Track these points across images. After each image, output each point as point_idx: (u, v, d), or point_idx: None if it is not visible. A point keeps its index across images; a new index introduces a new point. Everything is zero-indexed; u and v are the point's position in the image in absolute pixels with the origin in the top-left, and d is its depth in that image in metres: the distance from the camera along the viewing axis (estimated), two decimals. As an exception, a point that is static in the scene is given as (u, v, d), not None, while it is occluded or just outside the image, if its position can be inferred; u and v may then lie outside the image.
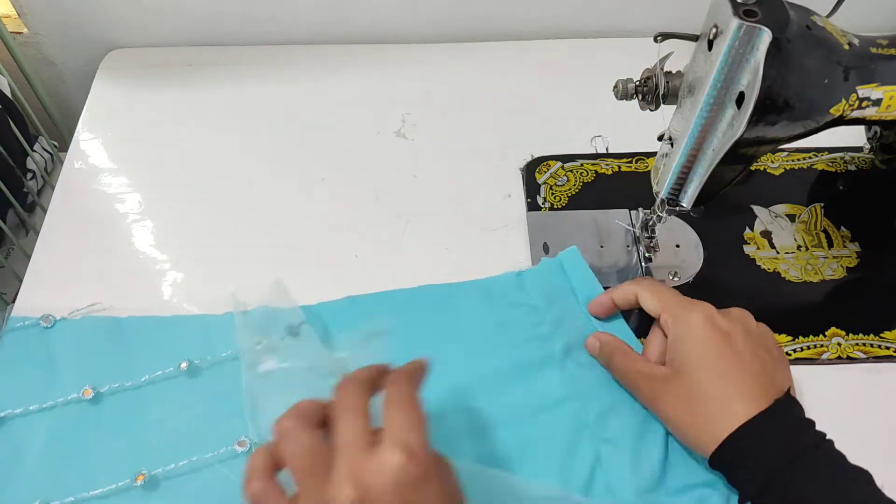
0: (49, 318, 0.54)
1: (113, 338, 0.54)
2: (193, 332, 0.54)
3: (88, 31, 0.76)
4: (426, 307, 0.56)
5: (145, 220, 0.62)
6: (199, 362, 0.52)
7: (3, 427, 0.50)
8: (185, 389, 0.52)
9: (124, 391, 0.51)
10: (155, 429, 0.50)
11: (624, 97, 0.49)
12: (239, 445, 0.48)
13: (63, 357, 0.53)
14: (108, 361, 0.53)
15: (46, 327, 0.54)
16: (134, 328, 0.55)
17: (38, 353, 0.53)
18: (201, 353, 0.53)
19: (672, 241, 0.59)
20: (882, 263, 0.59)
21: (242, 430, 0.49)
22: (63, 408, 0.51)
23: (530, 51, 0.76)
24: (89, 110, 0.71)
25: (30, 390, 0.51)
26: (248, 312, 0.54)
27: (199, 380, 0.52)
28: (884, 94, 0.47)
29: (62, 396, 0.51)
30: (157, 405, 0.51)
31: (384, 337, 0.43)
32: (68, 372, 0.52)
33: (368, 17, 0.76)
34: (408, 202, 0.64)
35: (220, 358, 0.53)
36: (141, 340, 0.54)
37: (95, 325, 0.55)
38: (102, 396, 0.51)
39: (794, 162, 0.65)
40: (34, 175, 0.83)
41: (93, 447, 0.49)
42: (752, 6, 0.40)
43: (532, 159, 0.66)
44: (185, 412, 0.51)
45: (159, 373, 0.52)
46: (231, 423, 0.50)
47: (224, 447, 0.49)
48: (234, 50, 0.76)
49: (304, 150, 0.67)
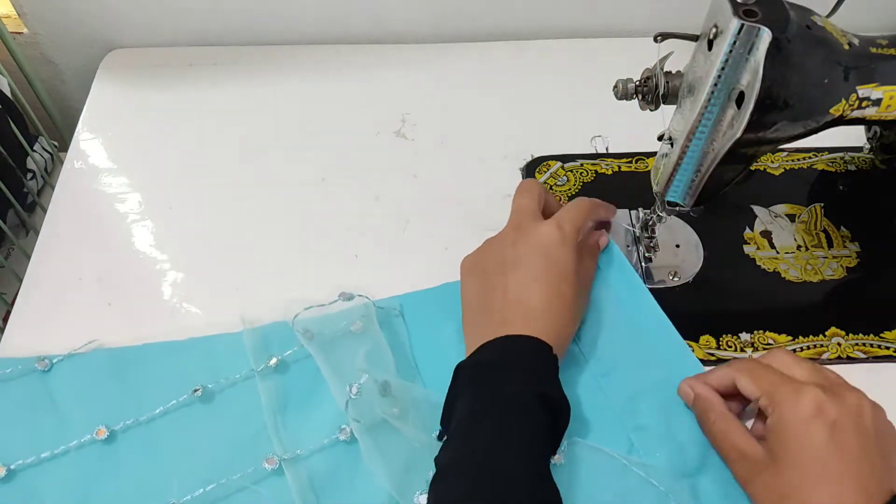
0: (45, 361, 0.52)
1: (117, 372, 0.52)
2: (198, 356, 0.53)
3: (88, 31, 0.76)
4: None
5: (145, 220, 0.62)
6: (211, 386, 0.51)
7: (16, 479, 0.47)
8: (202, 416, 0.50)
9: (139, 426, 0.50)
10: (177, 460, 0.48)
11: (624, 97, 0.49)
12: (268, 463, 0.47)
13: (68, 399, 0.51)
14: (117, 397, 0.51)
15: (44, 371, 0.52)
16: (136, 358, 0.53)
17: (40, 398, 0.51)
18: (211, 377, 0.51)
19: (672, 241, 0.59)
20: (882, 263, 0.59)
21: (268, 449, 0.48)
22: (77, 452, 0.48)
23: (530, 51, 0.76)
24: (89, 110, 0.71)
25: (39, 438, 0.49)
26: (256, 330, 0.53)
27: (214, 404, 0.51)
28: (884, 94, 0.47)
29: (75, 440, 0.49)
30: (174, 436, 0.49)
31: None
32: (77, 414, 0.50)
33: (368, 17, 0.76)
34: (408, 202, 0.64)
35: (232, 380, 0.51)
36: (146, 371, 0.52)
37: (96, 361, 0.52)
38: (117, 435, 0.49)
39: (794, 162, 0.65)
40: (34, 175, 0.83)
41: (114, 489, 0.47)
42: (752, 6, 0.40)
43: (532, 159, 0.66)
44: (205, 439, 0.49)
45: (173, 402, 0.50)
46: (256, 444, 0.48)
47: (252, 467, 0.47)
48: (234, 50, 0.76)
49: (304, 150, 0.67)
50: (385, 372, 0.50)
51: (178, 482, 0.47)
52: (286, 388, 0.51)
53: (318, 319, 0.53)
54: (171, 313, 0.56)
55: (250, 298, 0.57)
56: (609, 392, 0.51)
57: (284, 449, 0.48)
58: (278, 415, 0.50)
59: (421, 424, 0.48)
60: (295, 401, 0.51)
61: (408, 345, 0.54)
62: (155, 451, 0.49)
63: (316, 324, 0.53)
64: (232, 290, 0.58)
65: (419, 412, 0.49)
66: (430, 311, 0.55)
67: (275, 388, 0.51)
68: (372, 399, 0.48)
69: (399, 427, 0.48)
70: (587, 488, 0.46)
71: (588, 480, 0.46)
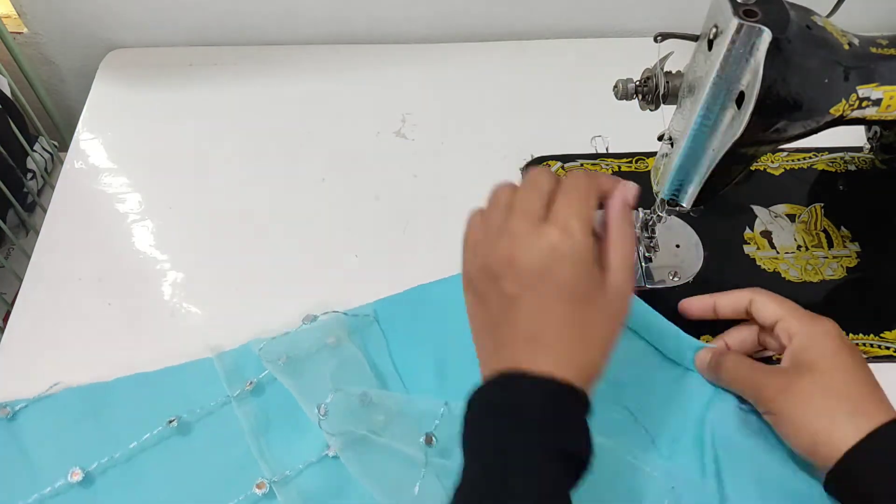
0: (6, 408, 0.49)
1: (87, 410, 0.50)
2: (171, 385, 0.51)
3: (88, 31, 0.76)
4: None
5: (145, 220, 0.62)
6: (187, 416, 0.49)
7: None
8: (182, 447, 0.48)
9: (115, 465, 0.48)
10: (162, 496, 0.47)
11: (624, 97, 0.49)
12: (258, 488, 0.46)
13: (37, 444, 0.48)
14: (90, 436, 0.49)
15: (7, 419, 0.49)
16: (106, 395, 0.50)
17: (7, 446, 0.48)
18: (185, 407, 0.50)
19: (672, 241, 0.59)
20: (882, 263, 0.59)
21: (255, 474, 0.47)
22: (53, 500, 0.46)
23: (530, 51, 0.76)
24: (89, 110, 0.71)
25: (9, 488, 0.46)
26: (226, 354, 0.52)
27: (193, 434, 0.49)
28: (884, 94, 0.47)
29: (48, 486, 0.46)
30: (155, 471, 0.48)
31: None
32: (48, 458, 0.48)
33: (368, 17, 0.76)
34: (408, 202, 0.64)
35: (208, 408, 0.50)
36: (117, 406, 0.50)
37: (63, 402, 0.50)
38: (94, 476, 0.47)
39: (794, 162, 0.65)
40: (34, 175, 0.83)
41: None
42: (752, 6, 0.40)
43: (532, 159, 0.66)
44: (189, 471, 0.48)
45: (147, 435, 0.48)
46: (242, 470, 0.47)
47: (242, 494, 0.46)
48: (234, 50, 0.76)
49: (304, 150, 0.67)
50: (362, 382, 0.49)
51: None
52: (266, 409, 0.50)
53: (290, 340, 0.52)
54: (171, 313, 0.56)
55: (250, 298, 0.57)
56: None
57: (272, 471, 0.47)
58: (261, 437, 0.49)
59: (408, 430, 0.47)
60: (277, 421, 0.50)
61: (386, 351, 0.53)
62: (137, 489, 0.47)
63: (288, 345, 0.52)
64: (232, 290, 0.58)
65: (406, 418, 0.48)
66: (404, 316, 0.55)
67: (254, 412, 0.50)
68: (352, 412, 0.48)
69: (384, 437, 0.47)
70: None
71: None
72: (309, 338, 0.52)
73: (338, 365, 0.50)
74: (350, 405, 0.48)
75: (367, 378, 0.50)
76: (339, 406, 0.48)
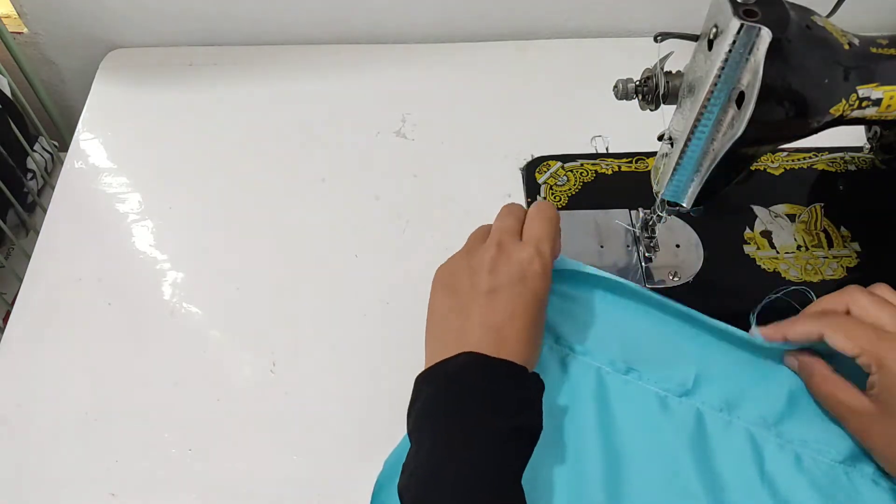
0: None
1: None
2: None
3: (88, 31, 0.76)
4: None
5: (145, 220, 0.62)
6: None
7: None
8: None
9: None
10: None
11: (624, 97, 0.49)
12: None
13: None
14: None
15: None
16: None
17: None
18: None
19: (672, 241, 0.59)
20: (882, 264, 0.59)
21: None
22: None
23: (530, 51, 0.76)
24: (89, 110, 0.71)
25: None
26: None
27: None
28: (884, 94, 0.47)
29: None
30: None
31: None
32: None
33: (368, 17, 0.76)
34: (408, 202, 0.64)
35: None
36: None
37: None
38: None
39: (794, 162, 0.65)
40: (34, 175, 0.83)
41: None
42: (752, 6, 0.40)
43: (532, 159, 0.66)
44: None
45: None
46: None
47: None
48: (234, 50, 0.76)
49: (304, 150, 0.67)
50: None
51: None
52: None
53: None
54: (171, 313, 0.56)
55: (250, 298, 0.57)
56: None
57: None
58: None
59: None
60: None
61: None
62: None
63: None
64: (232, 290, 0.58)
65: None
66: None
67: None
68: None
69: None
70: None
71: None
72: None
73: None
74: None
75: None
76: None
